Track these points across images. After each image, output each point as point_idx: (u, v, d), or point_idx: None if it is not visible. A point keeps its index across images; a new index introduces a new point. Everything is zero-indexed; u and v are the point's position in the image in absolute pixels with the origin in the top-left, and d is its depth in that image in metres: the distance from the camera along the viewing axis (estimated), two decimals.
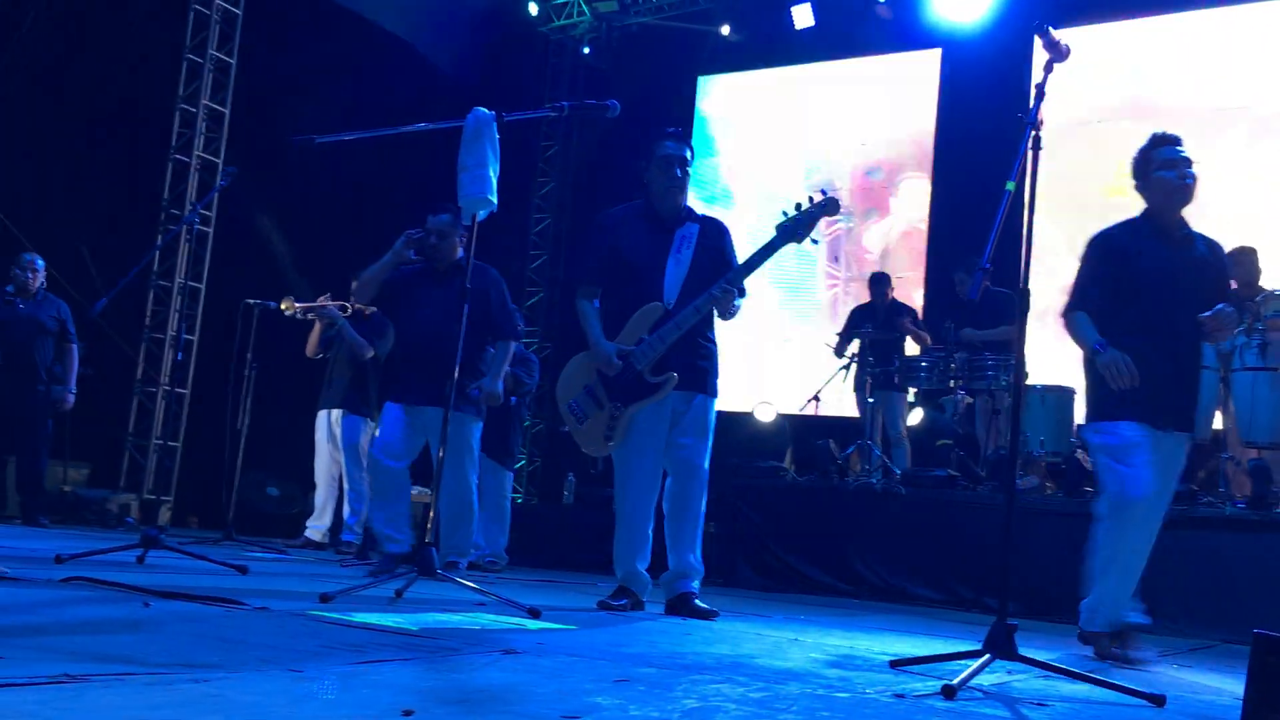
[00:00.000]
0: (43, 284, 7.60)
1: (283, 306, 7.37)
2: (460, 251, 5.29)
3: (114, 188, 10.31)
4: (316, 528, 7.53)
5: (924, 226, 10.06)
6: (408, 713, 1.66)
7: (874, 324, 7.93)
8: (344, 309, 7.33)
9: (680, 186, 4.25)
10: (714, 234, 4.27)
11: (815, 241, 4.20)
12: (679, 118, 11.28)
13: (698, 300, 4.08)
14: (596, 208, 12.27)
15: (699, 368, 4.20)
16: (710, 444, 4.21)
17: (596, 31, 12.09)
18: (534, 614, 3.42)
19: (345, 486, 7.42)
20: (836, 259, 10.45)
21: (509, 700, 1.85)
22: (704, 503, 4.21)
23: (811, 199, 4.12)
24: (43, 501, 7.64)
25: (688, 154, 4.30)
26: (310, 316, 7.45)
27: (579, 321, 4.28)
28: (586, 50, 12.26)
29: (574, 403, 4.26)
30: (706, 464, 4.19)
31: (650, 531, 4.26)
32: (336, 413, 7.39)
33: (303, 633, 2.56)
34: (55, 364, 7.57)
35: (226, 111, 10.06)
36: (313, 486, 7.72)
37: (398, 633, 2.69)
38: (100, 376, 9.05)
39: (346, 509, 7.41)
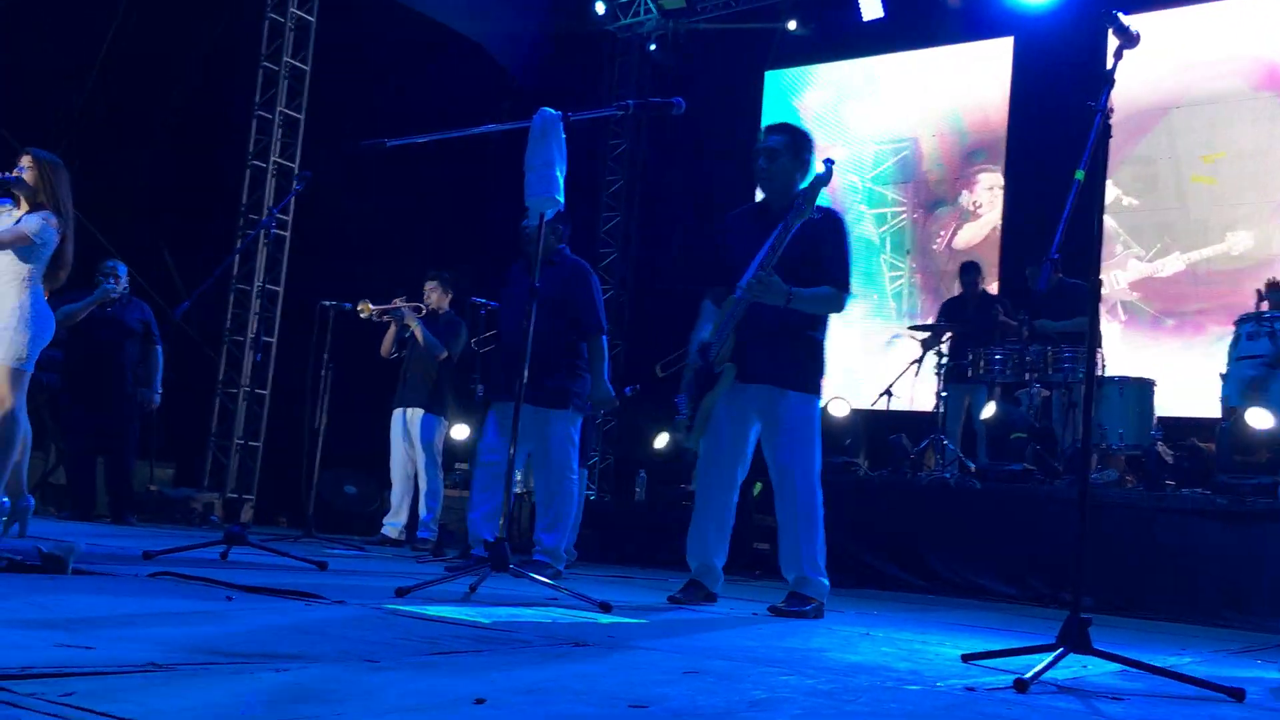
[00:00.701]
0: (126, 288, 7.81)
1: (359, 309, 7.51)
2: (560, 248, 5.37)
3: (194, 194, 10.58)
4: (393, 525, 7.65)
5: (994, 217, 9.92)
6: (480, 701, 1.70)
7: (965, 316, 7.82)
8: (418, 310, 7.45)
9: (765, 177, 4.19)
10: (812, 226, 4.06)
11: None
12: (746, 114, 11.28)
13: (738, 290, 4.04)
14: (665, 205, 12.33)
15: (783, 361, 4.08)
16: (798, 441, 4.04)
17: (663, 29, 12.11)
18: (605, 608, 3.45)
19: (421, 485, 7.54)
20: (908, 251, 10.35)
21: (579, 691, 1.88)
22: (804, 504, 4.04)
23: (816, 172, 4.12)
24: (131, 500, 7.87)
25: (777, 143, 4.20)
26: (385, 318, 7.58)
27: None
28: (653, 48, 12.28)
29: (679, 399, 4.29)
30: (795, 461, 4.03)
31: (725, 526, 4.21)
32: (411, 411, 7.51)
33: (379, 625, 2.62)
34: (140, 366, 7.79)
35: (301, 118, 10.26)
36: (389, 485, 7.85)
37: (471, 626, 2.74)
38: (183, 379, 9.30)
39: (422, 507, 7.53)
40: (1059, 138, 8.56)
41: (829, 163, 4.00)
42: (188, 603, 2.77)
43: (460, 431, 8.70)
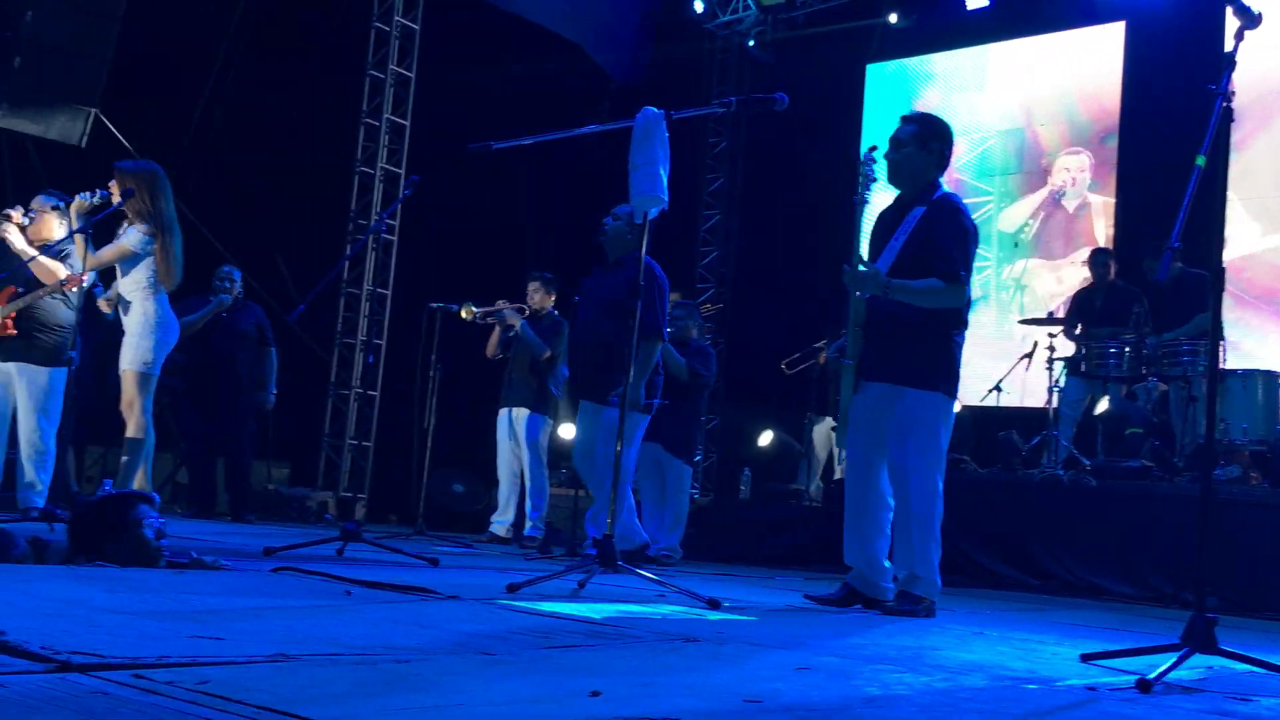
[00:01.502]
0: (240, 293, 8.07)
1: (462, 314, 7.63)
2: (630, 249, 5.40)
3: (304, 200, 10.88)
4: (500, 523, 7.76)
5: (1103, 207, 9.66)
6: (595, 694, 1.72)
7: (1096, 306, 7.62)
8: (521, 311, 7.54)
9: (892, 169, 4.10)
10: (933, 215, 3.98)
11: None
12: (848, 109, 11.16)
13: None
14: (767, 202, 12.27)
15: (904, 358, 3.97)
16: (915, 440, 3.91)
17: (762, 25, 12.05)
18: (714, 605, 3.46)
19: (527, 483, 7.64)
20: (1017, 243, 10.13)
21: (691, 685, 1.89)
22: (918, 506, 3.92)
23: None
24: (249, 499, 8.13)
25: (905, 133, 4.11)
26: (489, 320, 7.69)
27: None
28: (751, 44, 12.23)
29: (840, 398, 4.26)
30: (910, 460, 3.91)
31: (879, 524, 4.05)
32: (517, 411, 7.61)
33: (492, 620, 2.67)
34: (255, 369, 8.03)
35: (407, 124, 10.46)
36: (495, 483, 7.97)
37: (582, 621, 2.77)
38: (297, 380, 9.57)
39: (529, 505, 7.63)
40: (1175, 124, 8.30)
41: (868, 151, 3.95)
42: (309, 597, 2.85)
43: (567, 430, 8.78)
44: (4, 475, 5.73)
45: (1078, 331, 7.50)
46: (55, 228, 5.71)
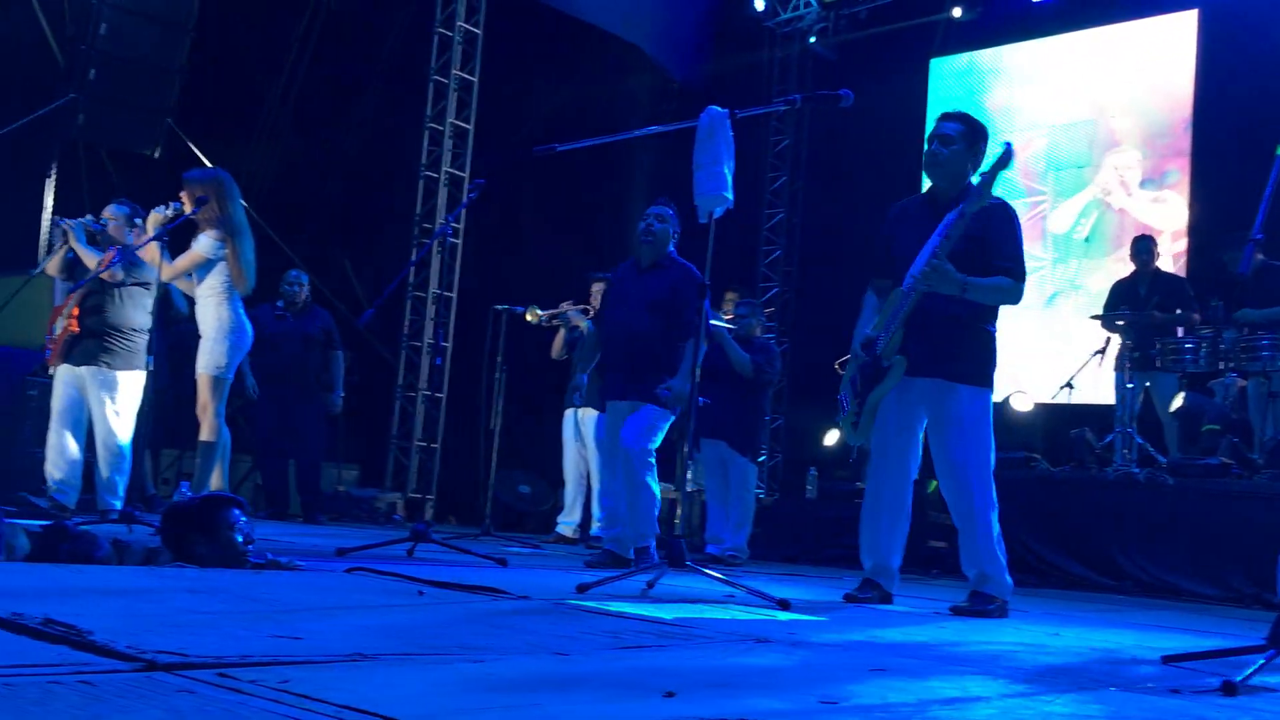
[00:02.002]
0: (308, 297, 8.19)
1: (527, 317, 7.67)
2: (670, 247, 5.39)
3: (370, 205, 11.03)
4: (567, 524, 7.79)
5: (1159, 201, 9.46)
6: (670, 694, 1.72)
7: (1136, 296, 7.47)
8: (585, 312, 7.57)
9: (936, 162, 4.06)
10: (982, 215, 3.92)
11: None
12: (912, 104, 11.04)
13: (910, 281, 3.93)
14: (831, 200, 12.20)
15: (951, 354, 3.95)
16: (971, 436, 3.91)
17: (824, 22, 11.97)
18: (784, 605, 3.44)
19: (593, 484, 7.66)
20: (1088, 238, 9.95)
21: (766, 686, 1.88)
22: (980, 501, 3.89)
23: (992, 156, 3.97)
24: (320, 500, 8.25)
25: (951, 130, 4.08)
26: (554, 322, 7.72)
27: None
28: (813, 41, 12.16)
29: (841, 395, 4.23)
30: (969, 456, 3.90)
31: (900, 523, 4.12)
32: (583, 411, 7.63)
33: (564, 620, 2.68)
34: (324, 372, 8.14)
35: (470, 128, 10.55)
36: (562, 484, 8.00)
37: (653, 621, 2.77)
38: (366, 383, 9.70)
39: (595, 505, 7.64)
40: (1252, 114, 8.11)
41: (1008, 145, 3.86)
42: (383, 597, 2.88)
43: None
44: (83, 478, 5.86)
45: (1119, 322, 7.37)
46: (126, 236, 5.84)
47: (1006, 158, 3.84)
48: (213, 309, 5.39)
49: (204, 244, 5.33)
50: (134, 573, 2.97)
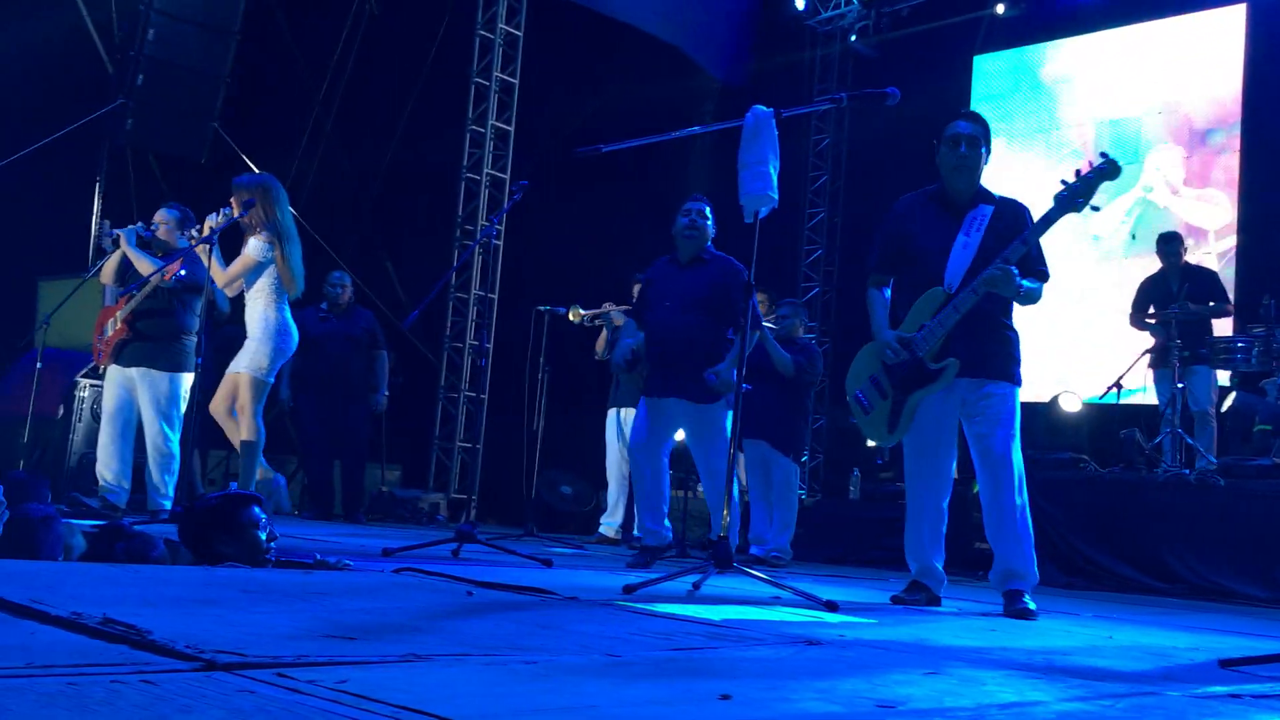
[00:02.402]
0: (351, 298, 8.25)
1: (570, 316, 7.68)
2: (709, 243, 5.38)
3: (412, 207, 11.10)
4: (610, 524, 7.80)
5: (1223, 200, 9.32)
6: (725, 697, 1.71)
7: (1172, 290, 7.37)
8: (628, 312, 7.56)
9: (968, 165, 4.07)
10: (1009, 215, 4.02)
11: (1096, 209, 3.97)
12: (955, 102, 10.94)
13: (974, 282, 3.91)
14: (872, 199, 12.14)
15: (989, 353, 3.99)
16: (1014, 432, 3.97)
17: (865, 20, 11.92)
18: (831, 607, 3.41)
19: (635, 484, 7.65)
20: (1134, 236, 9.83)
21: (821, 689, 1.87)
22: (1019, 497, 3.93)
23: (1091, 163, 3.91)
24: (362, 500, 8.31)
25: (978, 132, 4.11)
26: (596, 322, 7.73)
27: (868, 311, 4.24)
28: (854, 39, 12.10)
29: (859, 392, 4.21)
30: (1013, 453, 3.94)
31: (943, 525, 4.14)
32: (626, 411, 7.63)
33: (613, 621, 2.67)
34: (368, 372, 8.20)
35: (511, 129, 10.59)
36: (604, 485, 8.01)
37: (701, 623, 2.76)
38: (409, 384, 9.76)
39: (638, 505, 7.63)
40: None
41: (1106, 157, 3.86)
42: (433, 597, 2.89)
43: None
44: (133, 479, 5.94)
45: (1150, 320, 7.28)
46: (179, 240, 5.91)
47: (1109, 168, 3.83)
48: (260, 311, 5.44)
49: (254, 247, 5.38)
50: (188, 572, 3.01)
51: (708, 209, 5.44)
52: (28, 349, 7.67)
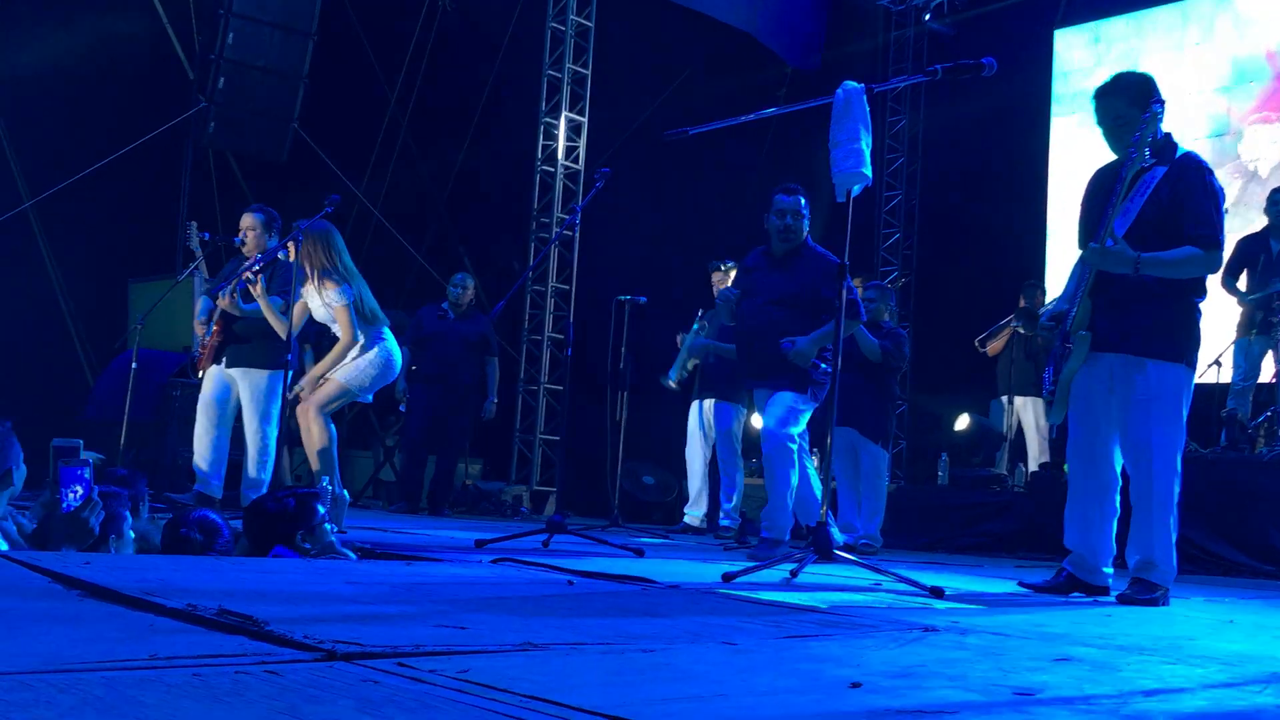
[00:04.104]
0: (472, 300, 8.30)
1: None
2: (805, 237, 5.30)
3: (488, 201, 11.14)
4: (694, 514, 7.75)
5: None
6: (855, 684, 1.65)
7: (1269, 255, 7.09)
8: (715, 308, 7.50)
9: (1112, 136, 3.82)
10: (1175, 175, 3.70)
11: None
12: (1036, 78, 10.69)
13: (1084, 254, 3.73)
14: (950, 180, 11.88)
15: (1138, 326, 3.70)
16: (1156, 414, 3.65)
17: None
18: (937, 593, 3.33)
19: (720, 474, 7.60)
20: (1228, 208, 9.52)
21: (953, 677, 1.80)
22: (1161, 485, 3.63)
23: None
24: (449, 494, 8.37)
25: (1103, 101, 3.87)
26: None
27: None
28: (928, 17, 11.88)
29: (1047, 373, 4.06)
30: (1155, 436, 3.64)
31: (1098, 509, 3.82)
32: (709, 402, 7.58)
33: (719, 610, 2.62)
34: (478, 375, 8.24)
35: (585, 120, 10.57)
36: (685, 474, 7.96)
37: (809, 610, 2.70)
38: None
39: (722, 495, 7.59)
40: None
41: (1157, 105, 3.64)
42: (535, 587, 2.87)
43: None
44: (229, 475, 6.02)
45: (1241, 285, 6.98)
46: (269, 242, 5.93)
47: (1151, 118, 3.63)
48: (370, 340, 5.51)
49: (334, 298, 5.39)
50: (290, 564, 3.02)
51: (803, 203, 5.30)
52: (121, 351, 7.83)
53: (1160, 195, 3.68)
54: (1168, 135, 3.76)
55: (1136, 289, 3.68)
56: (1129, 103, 3.80)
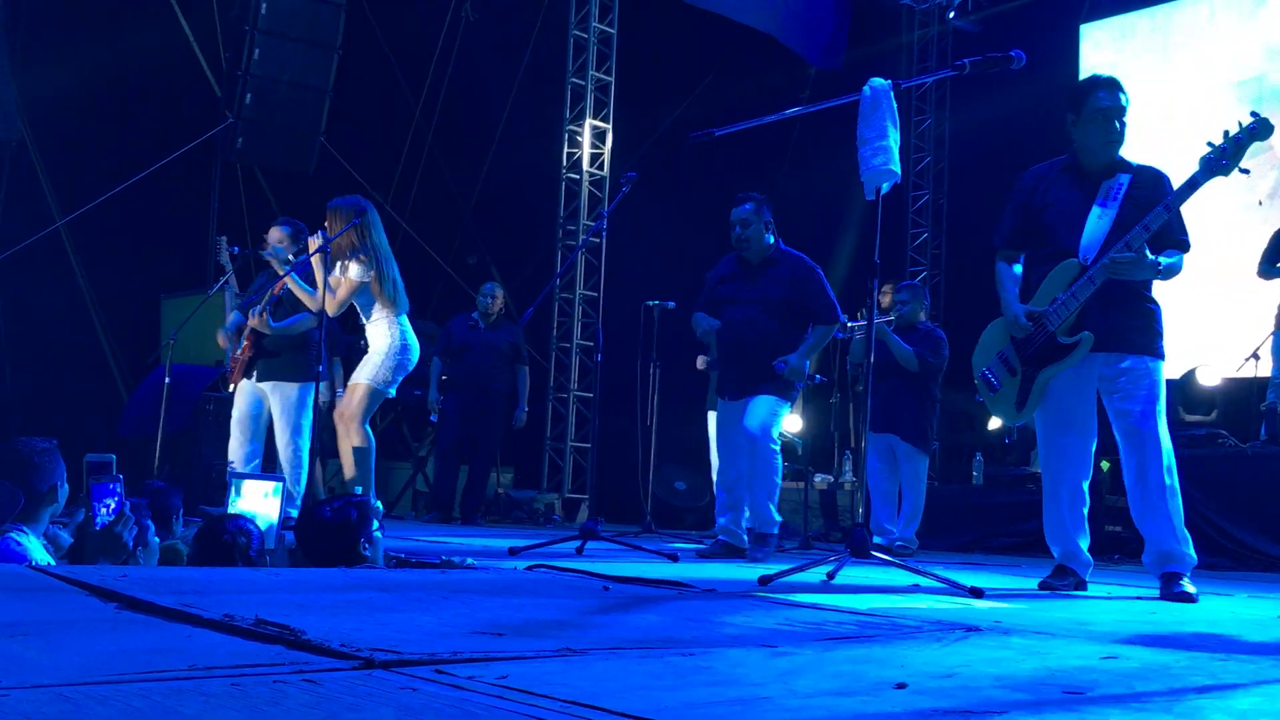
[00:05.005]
0: (501, 310, 8.32)
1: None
2: (768, 240, 5.29)
3: (513, 209, 11.15)
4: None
5: None
6: (901, 685, 1.62)
7: None
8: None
9: (1117, 139, 3.88)
10: (1149, 183, 3.82)
11: (1245, 171, 3.72)
12: (1062, 75, 10.58)
13: (1107, 256, 3.72)
14: (977, 178, 11.82)
15: (1128, 326, 3.81)
16: (1158, 409, 3.78)
17: None
18: (976, 593, 3.29)
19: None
20: (1260, 201, 9.39)
21: (998, 675, 1.77)
22: (1167, 477, 3.73)
23: (1240, 123, 3.69)
24: (481, 503, 8.38)
25: (1125, 102, 3.91)
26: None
27: (996, 286, 4.08)
28: (952, 15, 11.81)
29: (987, 370, 4.07)
30: (1158, 430, 3.75)
31: (1084, 506, 3.96)
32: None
33: (758, 612, 2.59)
34: (509, 384, 8.24)
35: (609, 127, 10.57)
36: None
37: (848, 612, 2.67)
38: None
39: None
40: None
41: (1257, 116, 3.63)
42: (571, 593, 2.85)
43: (792, 424, 8.66)
44: None
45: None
46: (294, 254, 5.95)
47: (1261, 128, 3.61)
48: (383, 329, 5.49)
49: (354, 270, 5.41)
50: (326, 574, 3.01)
51: (751, 211, 5.31)
52: (155, 365, 7.88)
53: (1135, 201, 3.76)
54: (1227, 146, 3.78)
55: (1121, 289, 3.78)
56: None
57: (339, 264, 5.43)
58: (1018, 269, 4.08)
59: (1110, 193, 3.81)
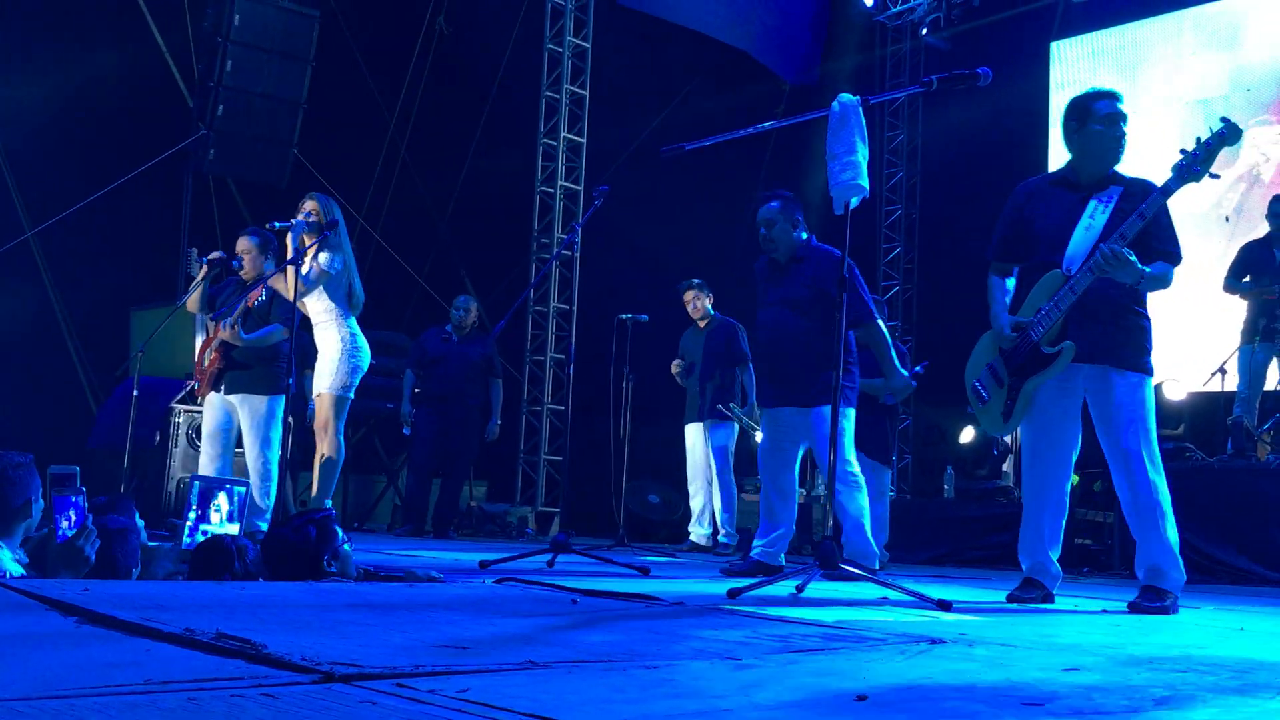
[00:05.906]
0: (475, 322, 8.30)
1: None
2: (799, 237, 5.10)
3: (488, 222, 11.15)
4: (700, 530, 7.72)
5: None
6: (861, 698, 1.63)
7: (1271, 260, 7.07)
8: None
9: (1117, 146, 3.89)
10: (1138, 195, 3.78)
11: (1215, 176, 3.77)
12: (1032, 92, 10.70)
13: (1089, 261, 3.74)
14: (949, 194, 11.89)
15: (1114, 340, 3.78)
16: (1144, 425, 3.75)
17: (937, 12, 11.72)
18: (944, 606, 3.30)
19: (716, 490, 7.59)
20: (1227, 218, 9.50)
21: (959, 687, 1.78)
22: (1155, 490, 3.69)
23: (1210, 129, 3.73)
24: (454, 516, 8.34)
25: (1123, 110, 3.92)
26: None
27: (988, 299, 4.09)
28: (925, 32, 11.91)
29: (977, 382, 4.07)
30: (1144, 446, 3.72)
31: (1060, 520, 3.95)
32: (698, 424, 7.63)
33: (725, 625, 2.60)
34: (483, 397, 8.23)
35: (584, 141, 10.58)
36: (689, 492, 7.94)
37: (814, 624, 2.68)
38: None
39: (720, 513, 7.57)
40: None
41: (1226, 122, 3.67)
42: (539, 606, 2.84)
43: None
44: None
45: (1247, 287, 6.99)
46: (265, 265, 5.89)
47: (1230, 133, 3.65)
48: (332, 331, 5.45)
49: (325, 260, 5.38)
50: (293, 588, 2.99)
51: (777, 210, 5.08)
52: (124, 378, 7.82)
53: (1124, 213, 3.74)
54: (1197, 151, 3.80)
55: (1108, 302, 3.77)
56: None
57: (310, 252, 5.37)
58: (1010, 282, 4.07)
59: (1100, 205, 3.80)
